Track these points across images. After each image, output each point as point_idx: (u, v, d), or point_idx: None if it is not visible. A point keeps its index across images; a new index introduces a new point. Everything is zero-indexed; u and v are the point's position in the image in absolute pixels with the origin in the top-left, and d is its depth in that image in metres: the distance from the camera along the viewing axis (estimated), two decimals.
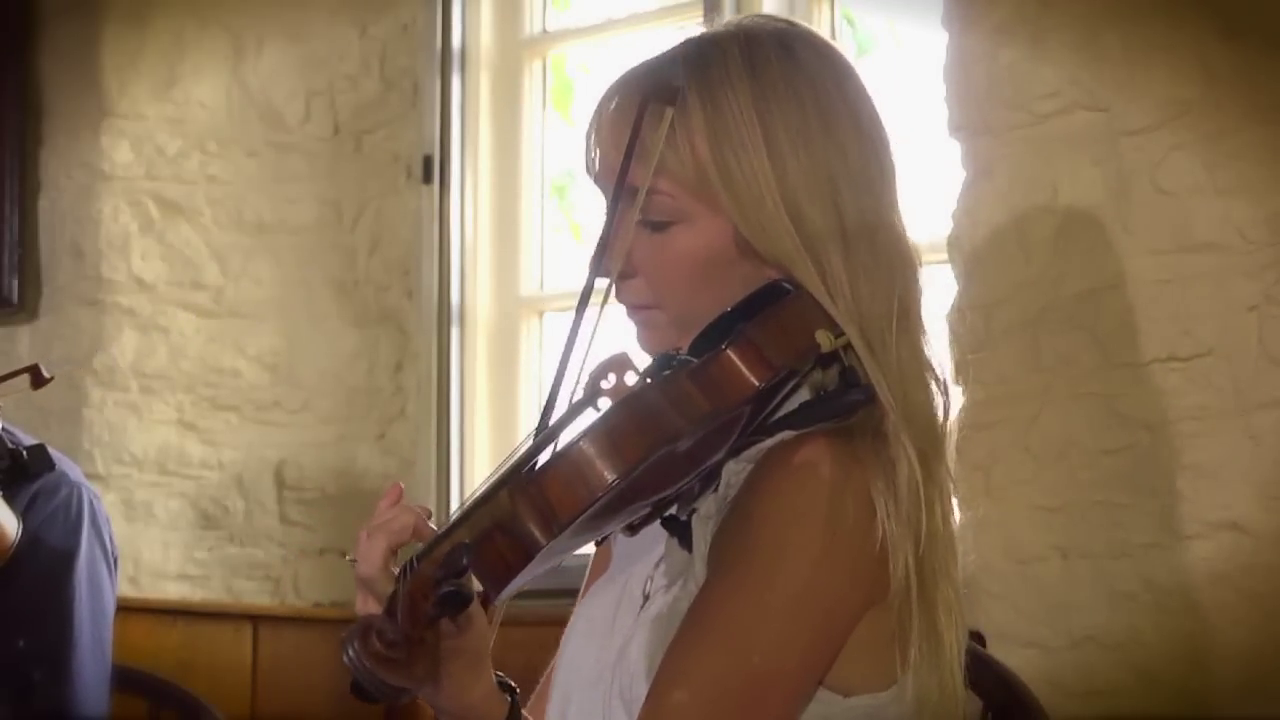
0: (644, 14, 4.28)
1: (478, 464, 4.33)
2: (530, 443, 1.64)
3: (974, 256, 3.26)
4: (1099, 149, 3.11)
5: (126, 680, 3.03)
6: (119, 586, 2.98)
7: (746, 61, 1.76)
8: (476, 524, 1.59)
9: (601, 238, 1.79)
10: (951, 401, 1.78)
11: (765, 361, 1.67)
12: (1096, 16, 3.11)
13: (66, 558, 2.77)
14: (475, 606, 1.67)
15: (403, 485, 1.80)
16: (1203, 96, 2.98)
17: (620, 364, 1.66)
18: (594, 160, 1.84)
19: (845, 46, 3.69)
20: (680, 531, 1.76)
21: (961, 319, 3.26)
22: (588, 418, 1.65)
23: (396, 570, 1.69)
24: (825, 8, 3.85)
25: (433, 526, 1.76)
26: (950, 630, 1.71)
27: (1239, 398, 2.94)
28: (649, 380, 1.66)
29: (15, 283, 4.47)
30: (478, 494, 1.62)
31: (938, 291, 3.38)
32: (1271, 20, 2.94)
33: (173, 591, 4.39)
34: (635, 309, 1.81)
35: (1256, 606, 2.91)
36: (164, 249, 4.46)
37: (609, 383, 1.65)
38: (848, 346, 1.71)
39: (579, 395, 1.66)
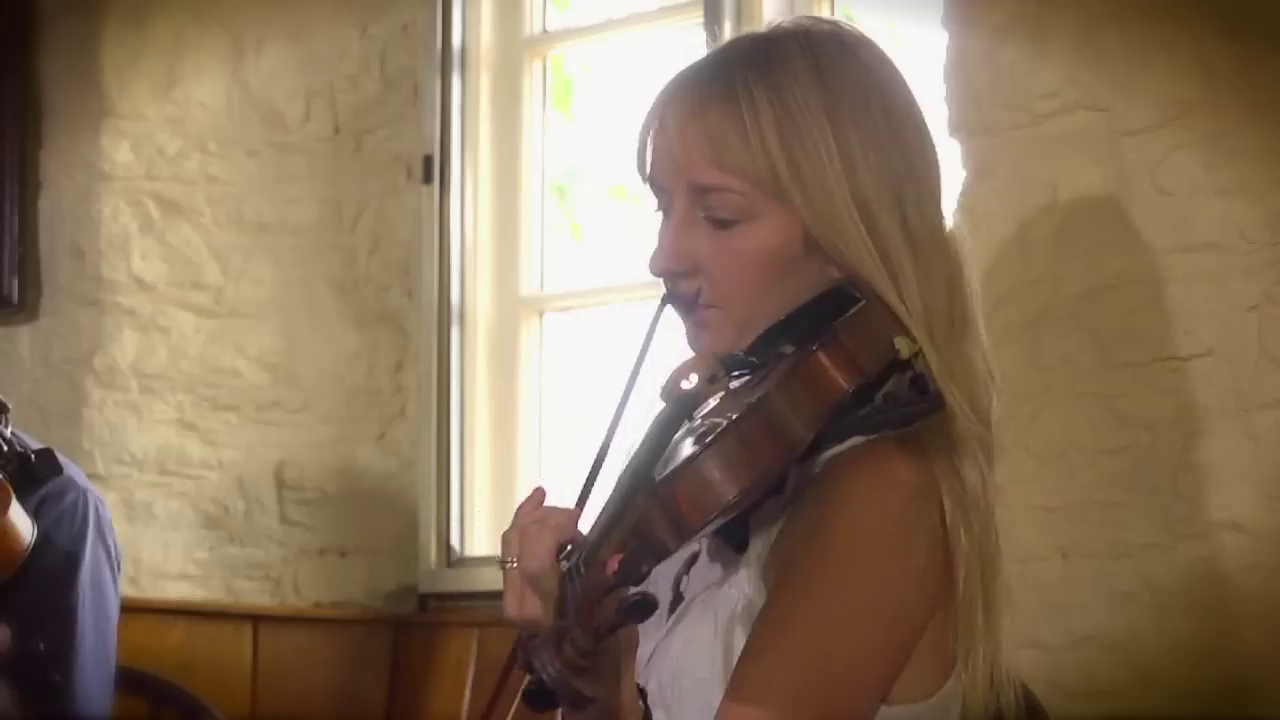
0: (644, 14, 4.28)
1: (478, 464, 4.34)
2: (643, 443, 1.63)
3: (974, 256, 3.25)
4: (1099, 149, 3.11)
5: (127, 680, 3.03)
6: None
7: (810, 60, 1.75)
8: (624, 528, 1.57)
9: (664, 237, 1.77)
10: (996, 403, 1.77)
11: (855, 365, 1.66)
12: (1096, 16, 3.11)
13: (72, 562, 2.77)
14: None
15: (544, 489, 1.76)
16: (1203, 96, 2.98)
17: (702, 364, 1.65)
18: (650, 161, 1.80)
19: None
20: (728, 531, 1.74)
21: None
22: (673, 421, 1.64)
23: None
24: (825, 8, 3.85)
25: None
26: (1005, 626, 1.72)
27: (1239, 398, 2.94)
28: (761, 384, 1.64)
29: (15, 283, 4.47)
30: (615, 497, 1.61)
31: None
32: (1271, 20, 2.94)
33: (173, 591, 4.39)
34: (693, 308, 1.78)
35: (1257, 606, 2.91)
36: (164, 249, 4.46)
37: (690, 383, 1.64)
38: (918, 353, 1.71)
39: (660, 397, 1.65)
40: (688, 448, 1.59)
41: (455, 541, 4.31)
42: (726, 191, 1.73)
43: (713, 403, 1.67)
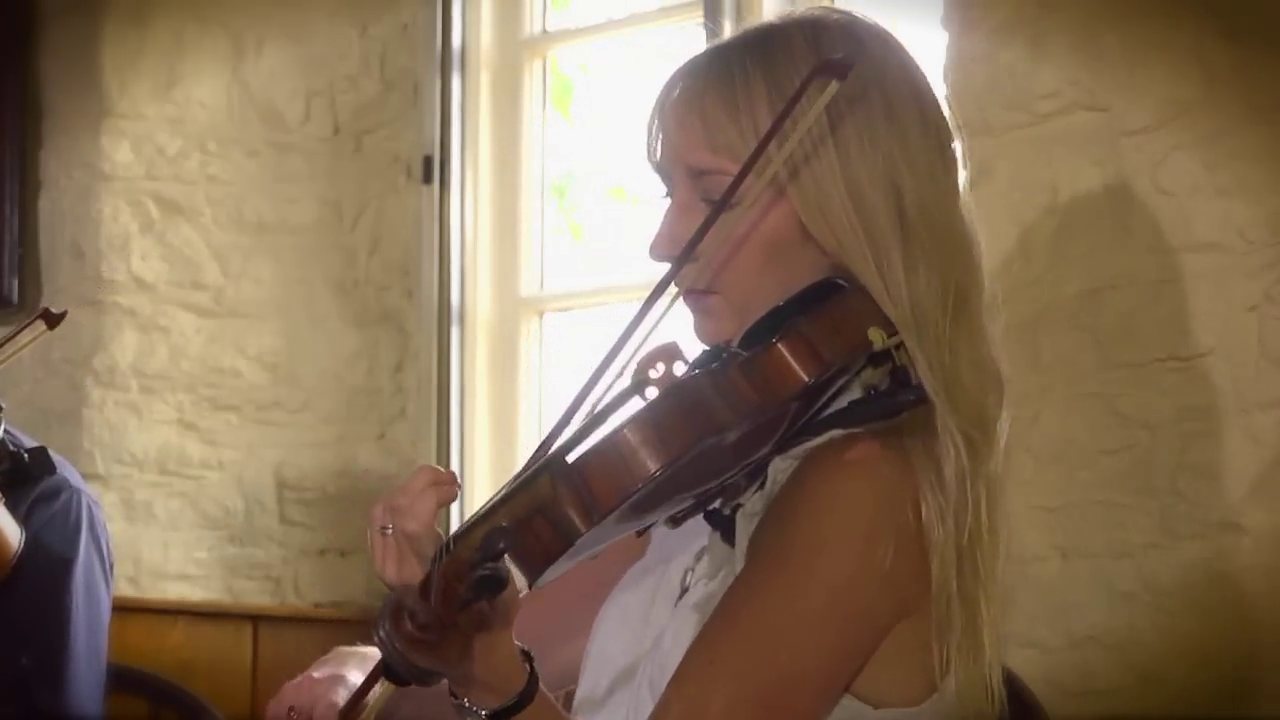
0: (644, 14, 4.28)
1: (478, 464, 4.33)
2: (576, 425, 1.61)
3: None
4: (1099, 149, 3.11)
5: (127, 680, 3.03)
6: (118, 587, 2.97)
7: (811, 46, 1.75)
8: (516, 507, 1.56)
9: (664, 222, 1.76)
10: (1004, 392, 1.75)
11: (816, 356, 1.64)
12: (1096, 16, 3.11)
13: (64, 565, 2.76)
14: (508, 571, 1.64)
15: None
16: (1203, 96, 2.98)
17: (670, 353, 1.63)
18: (655, 147, 1.81)
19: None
20: (723, 526, 1.74)
21: None
22: (632, 407, 1.61)
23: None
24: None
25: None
26: (990, 628, 1.69)
27: (1239, 398, 2.94)
28: (698, 371, 1.63)
29: (15, 283, 4.48)
30: (519, 476, 1.58)
31: None
32: (1271, 20, 2.94)
33: (173, 591, 4.39)
34: (693, 295, 1.78)
35: (1256, 606, 2.91)
36: (164, 249, 4.46)
37: (657, 372, 1.61)
38: (900, 345, 1.69)
39: (626, 383, 1.63)
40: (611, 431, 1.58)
41: None
42: (720, 174, 1.72)
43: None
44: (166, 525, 4.43)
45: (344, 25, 4.54)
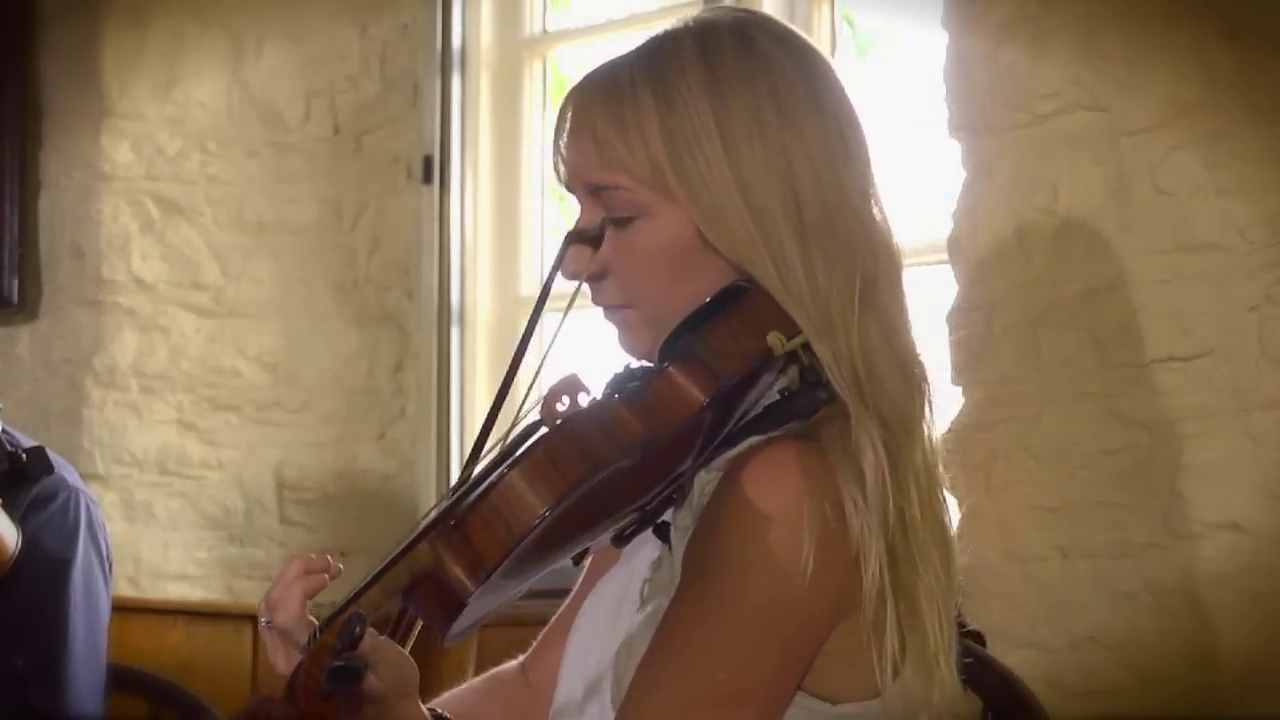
0: (644, 14, 4.28)
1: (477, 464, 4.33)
2: (478, 469, 1.61)
3: (974, 256, 3.26)
4: (1099, 149, 3.11)
5: (127, 680, 3.02)
6: (117, 586, 2.97)
7: (700, 53, 1.74)
8: (394, 580, 1.56)
9: (565, 240, 1.77)
10: (928, 378, 1.73)
11: (710, 374, 1.63)
12: (1096, 16, 3.11)
13: (63, 565, 2.75)
14: (393, 650, 1.62)
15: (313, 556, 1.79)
16: (1203, 96, 2.98)
17: (573, 386, 1.62)
18: (559, 168, 1.82)
19: (842, 45, 3.68)
20: (668, 538, 1.73)
21: (961, 319, 3.26)
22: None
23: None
24: (825, 8, 3.85)
25: None
26: (933, 618, 1.67)
27: (1239, 398, 2.94)
28: (585, 406, 1.62)
29: (15, 283, 4.47)
30: (401, 545, 1.58)
31: (937, 291, 3.37)
32: (1271, 20, 2.94)
33: (173, 591, 4.39)
34: (610, 310, 1.80)
35: (1256, 606, 2.91)
36: (164, 249, 4.46)
37: (564, 405, 1.60)
38: (807, 344, 1.68)
39: (533, 418, 1.62)
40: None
41: None
42: (615, 189, 1.72)
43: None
44: (166, 525, 4.42)
45: (344, 25, 4.54)
